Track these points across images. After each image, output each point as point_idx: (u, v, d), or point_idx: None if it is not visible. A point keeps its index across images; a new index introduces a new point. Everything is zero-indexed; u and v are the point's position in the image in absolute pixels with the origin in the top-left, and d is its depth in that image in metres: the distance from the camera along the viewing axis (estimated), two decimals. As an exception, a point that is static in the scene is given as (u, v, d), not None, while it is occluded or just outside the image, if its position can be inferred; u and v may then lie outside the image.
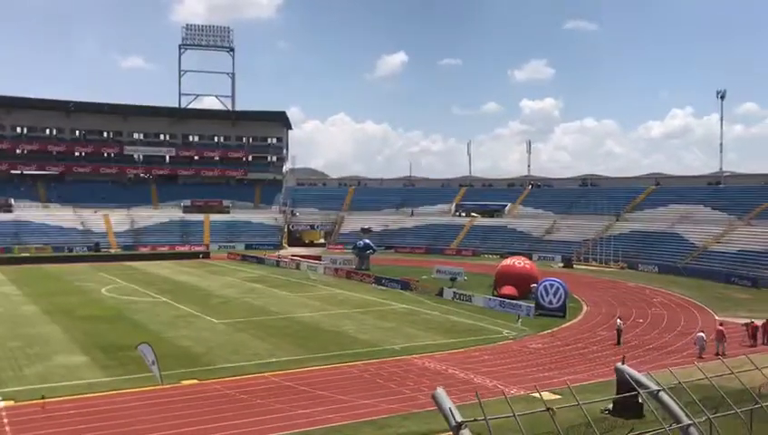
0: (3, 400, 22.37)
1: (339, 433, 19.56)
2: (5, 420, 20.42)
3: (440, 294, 48.30)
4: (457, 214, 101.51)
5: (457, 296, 46.47)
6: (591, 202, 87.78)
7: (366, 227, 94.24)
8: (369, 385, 24.92)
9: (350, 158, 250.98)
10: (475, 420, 10.90)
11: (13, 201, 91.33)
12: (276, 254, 78.79)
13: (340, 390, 24.05)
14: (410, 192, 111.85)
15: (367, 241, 68.52)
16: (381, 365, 27.90)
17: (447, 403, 11.34)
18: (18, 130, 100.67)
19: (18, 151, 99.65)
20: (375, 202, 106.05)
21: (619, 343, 32.83)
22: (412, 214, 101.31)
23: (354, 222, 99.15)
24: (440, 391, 11.76)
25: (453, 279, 54.14)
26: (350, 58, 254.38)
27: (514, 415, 11.24)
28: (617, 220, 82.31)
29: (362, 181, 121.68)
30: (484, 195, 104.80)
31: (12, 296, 46.77)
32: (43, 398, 22.07)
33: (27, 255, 76.53)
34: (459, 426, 10.97)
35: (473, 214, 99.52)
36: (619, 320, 35.01)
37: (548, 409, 11.96)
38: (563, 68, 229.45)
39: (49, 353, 29.19)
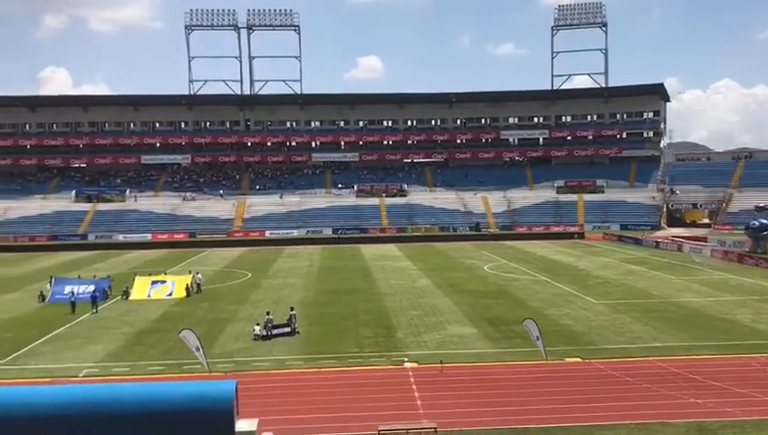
0: (408, 361, 25.52)
1: (739, 429, 17.95)
2: (412, 380, 23.28)
3: None
4: None
5: None
6: None
7: (761, 204, 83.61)
8: (772, 381, 22.32)
9: (738, 128, 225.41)
10: None
11: (406, 186, 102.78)
12: (655, 234, 74.85)
13: (738, 383, 21.97)
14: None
15: (763, 221, 60.80)
16: (787, 360, 24.71)
17: None
18: (409, 123, 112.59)
19: (409, 142, 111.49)
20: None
21: None
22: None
23: (745, 200, 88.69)
24: None
25: None
26: (738, 16, 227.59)
27: None
28: None
29: (755, 153, 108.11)
30: None
31: (408, 271, 52.70)
32: (441, 362, 24.57)
33: (418, 234, 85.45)
34: None
35: None
36: None
37: None
38: None
39: (443, 323, 32.29)
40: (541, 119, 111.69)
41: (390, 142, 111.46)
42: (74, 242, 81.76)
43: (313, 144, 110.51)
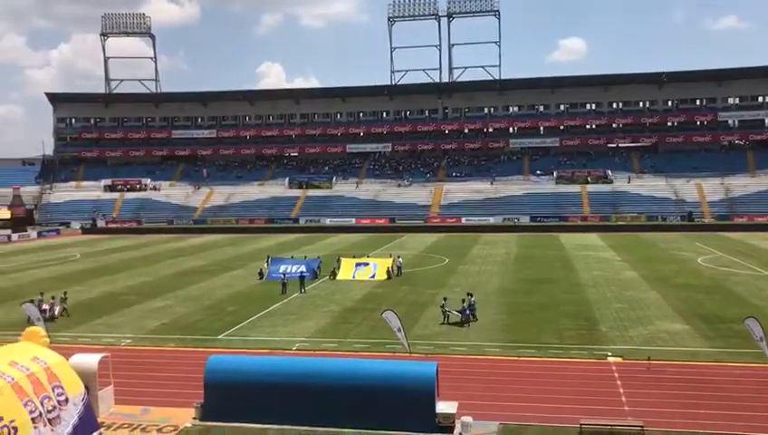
0: (612, 356, 24.46)
1: None
2: (616, 375, 22.33)
3: None
4: None
5: None
6: None
7: None
8: None
9: None
10: None
11: (610, 173, 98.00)
12: None
13: None
14: None
15: None
16: None
17: None
18: (614, 105, 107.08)
19: (614, 126, 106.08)
20: None
21: None
22: None
23: None
24: None
25: None
26: None
27: None
28: None
29: None
30: None
31: (613, 262, 50.31)
32: (648, 359, 23.26)
33: (623, 223, 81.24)
34: None
35: None
36: None
37: None
38: None
39: (650, 317, 30.49)
40: (766, 98, 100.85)
41: (594, 126, 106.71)
42: (287, 225, 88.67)
43: (511, 130, 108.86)
